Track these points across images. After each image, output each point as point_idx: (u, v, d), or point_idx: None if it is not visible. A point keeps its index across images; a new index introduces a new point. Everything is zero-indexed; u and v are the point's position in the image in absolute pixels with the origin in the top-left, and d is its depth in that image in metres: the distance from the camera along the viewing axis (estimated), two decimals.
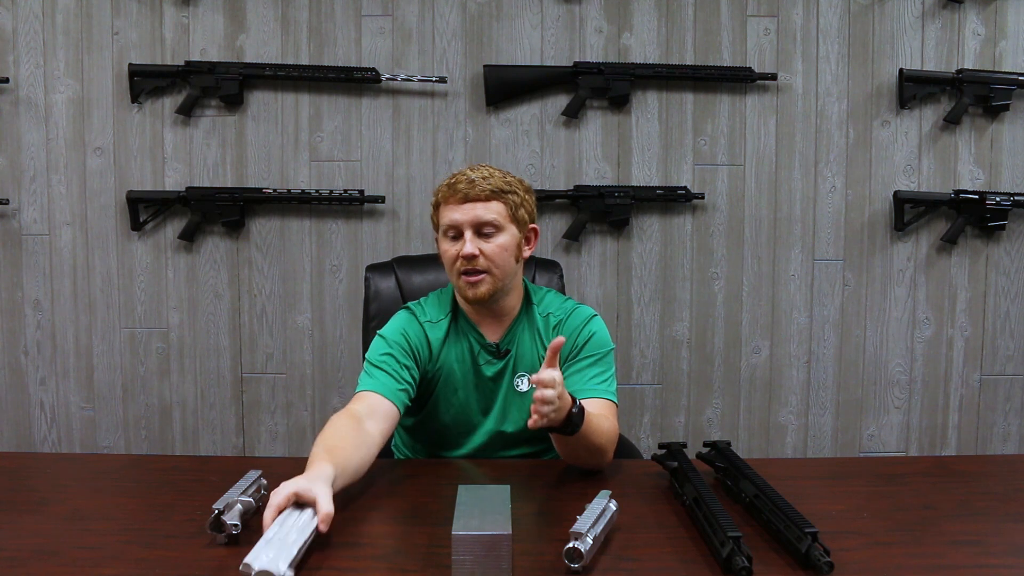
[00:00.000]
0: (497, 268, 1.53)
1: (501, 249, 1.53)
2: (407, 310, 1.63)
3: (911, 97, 2.53)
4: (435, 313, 1.62)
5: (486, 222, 1.52)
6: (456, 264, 1.53)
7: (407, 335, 1.57)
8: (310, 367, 2.63)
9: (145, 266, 2.59)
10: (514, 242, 1.56)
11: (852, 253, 2.62)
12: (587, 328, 1.59)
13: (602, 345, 1.59)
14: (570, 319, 1.61)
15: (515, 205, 1.55)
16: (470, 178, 1.52)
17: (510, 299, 1.60)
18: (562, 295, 1.69)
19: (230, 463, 1.78)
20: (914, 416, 2.66)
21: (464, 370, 1.60)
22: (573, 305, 1.64)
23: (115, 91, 2.54)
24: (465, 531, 1.02)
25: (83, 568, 1.07)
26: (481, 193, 1.51)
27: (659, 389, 2.65)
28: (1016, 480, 1.42)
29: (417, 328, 1.59)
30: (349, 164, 2.57)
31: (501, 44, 2.55)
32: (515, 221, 1.55)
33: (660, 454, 1.41)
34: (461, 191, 1.51)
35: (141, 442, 2.63)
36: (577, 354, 1.57)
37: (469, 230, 1.51)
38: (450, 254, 1.54)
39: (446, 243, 1.55)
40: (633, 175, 2.58)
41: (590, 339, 1.58)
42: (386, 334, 1.57)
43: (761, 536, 1.14)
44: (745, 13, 2.55)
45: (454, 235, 1.54)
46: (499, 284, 1.54)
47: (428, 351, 1.58)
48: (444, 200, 1.54)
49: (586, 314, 1.62)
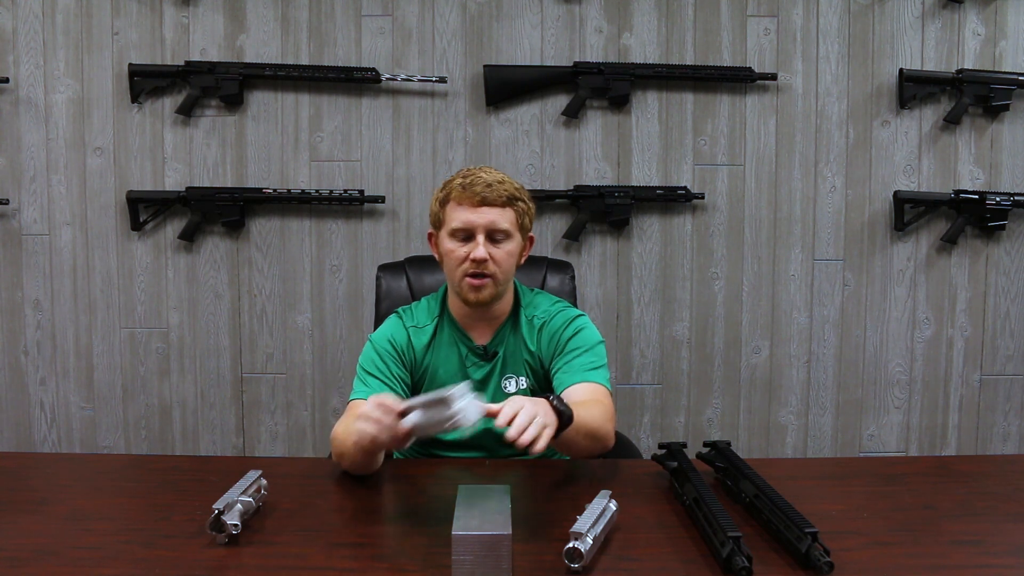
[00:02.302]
0: (502, 274, 1.54)
1: (509, 256, 1.54)
2: (396, 315, 1.65)
3: (911, 97, 2.53)
4: (423, 318, 1.63)
5: (500, 228, 1.52)
6: (463, 265, 1.52)
7: (393, 340, 1.59)
8: (310, 367, 2.63)
9: (145, 266, 2.59)
10: (518, 249, 1.57)
11: (852, 253, 2.62)
12: (571, 326, 1.59)
13: (588, 339, 1.58)
14: (553, 320, 1.61)
15: (522, 213, 1.56)
16: (487, 181, 1.51)
17: (502, 303, 1.60)
18: (553, 297, 1.69)
19: (230, 463, 1.78)
20: (914, 416, 2.66)
21: (451, 374, 1.60)
22: (560, 307, 1.64)
23: (115, 91, 2.54)
24: (465, 531, 1.02)
25: (83, 568, 1.07)
26: (499, 199, 1.51)
27: (659, 389, 2.65)
28: (1016, 480, 1.42)
29: (403, 333, 1.61)
30: (349, 164, 2.57)
31: (501, 44, 2.55)
32: (521, 229, 1.56)
33: (660, 454, 1.41)
34: (479, 194, 1.50)
35: (141, 442, 2.63)
36: (563, 350, 1.57)
37: (482, 234, 1.51)
38: (457, 255, 1.53)
39: (452, 243, 1.53)
40: (633, 175, 2.58)
41: (575, 334, 1.58)
42: (376, 340, 1.60)
43: (761, 536, 1.14)
44: (745, 13, 2.55)
45: (464, 236, 1.53)
46: (500, 289, 1.55)
47: (412, 356, 1.60)
48: (457, 199, 1.52)
49: (571, 314, 1.62)
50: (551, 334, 1.60)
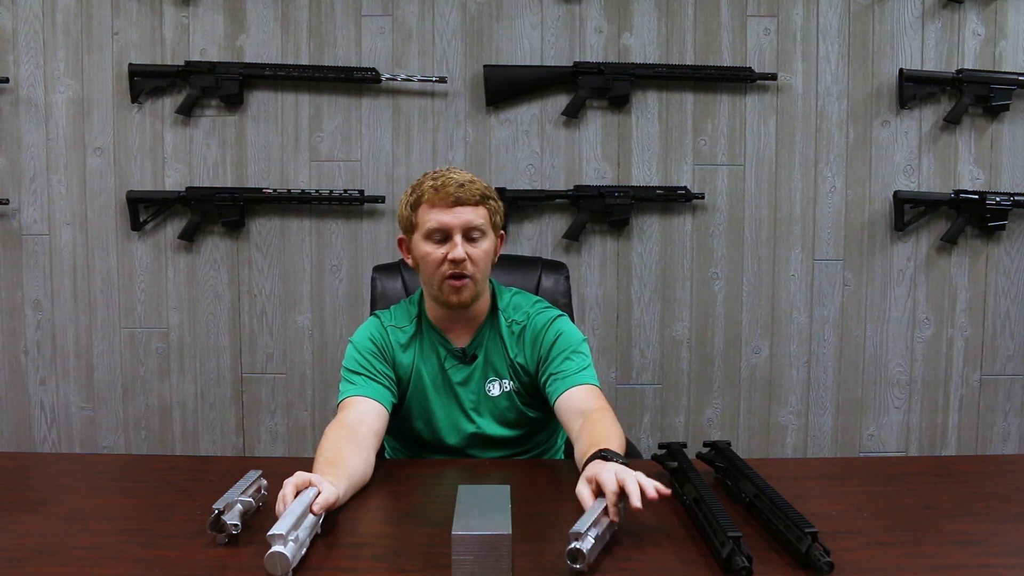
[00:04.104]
0: (480, 273, 1.53)
1: (486, 254, 1.54)
2: (374, 316, 1.65)
3: (911, 97, 2.53)
4: (401, 319, 1.63)
5: (475, 227, 1.51)
6: (442, 268, 1.51)
7: (373, 338, 1.59)
8: (310, 367, 2.63)
9: (145, 266, 2.59)
10: (493, 248, 1.56)
11: (852, 253, 2.62)
12: (552, 329, 1.58)
13: (572, 340, 1.57)
14: (533, 323, 1.59)
15: (494, 211, 1.55)
16: (458, 181, 1.50)
17: (479, 305, 1.59)
18: (531, 296, 1.67)
19: (230, 463, 1.78)
20: (914, 416, 2.66)
21: (432, 375, 1.60)
22: (539, 308, 1.62)
23: (115, 91, 2.54)
24: (465, 531, 1.01)
25: (83, 568, 1.07)
26: (472, 197, 1.50)
27: (659, 389, 2.65)
28: (1016, 480, 1.42)
29: (382, 332, 1.61)
30: (349, 164, 2.57)
31: (501, 44, 2.55)
32: (493, 227, 1.56)
33: (660, 454, 1.40)
34: (452, 194, 1.49)
35: (141, 442, 2.63)
36: (548, 355, 1.56)
37: (459, 234, 1.50)
38: (435, 257, 1.51)
39: (429, 245, 1.52)
40: (633, 175, 2.58)
41: (558, 338, 1.57)
42: (356, 340, 1.60)
43: (761, 536, 1.14)
44: (745, 13, 2.55)
45: (440, 238, 1.51)
46: (479, 289, 1.54)
47: (392, 353, 1.60)
48: (430, 202, 1.51)
49: (550, 316, 1.60)
50: (533, 337, 1.58)
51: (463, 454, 1.62)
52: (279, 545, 1.00)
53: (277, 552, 1.00)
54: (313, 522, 1.12)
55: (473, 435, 1.61)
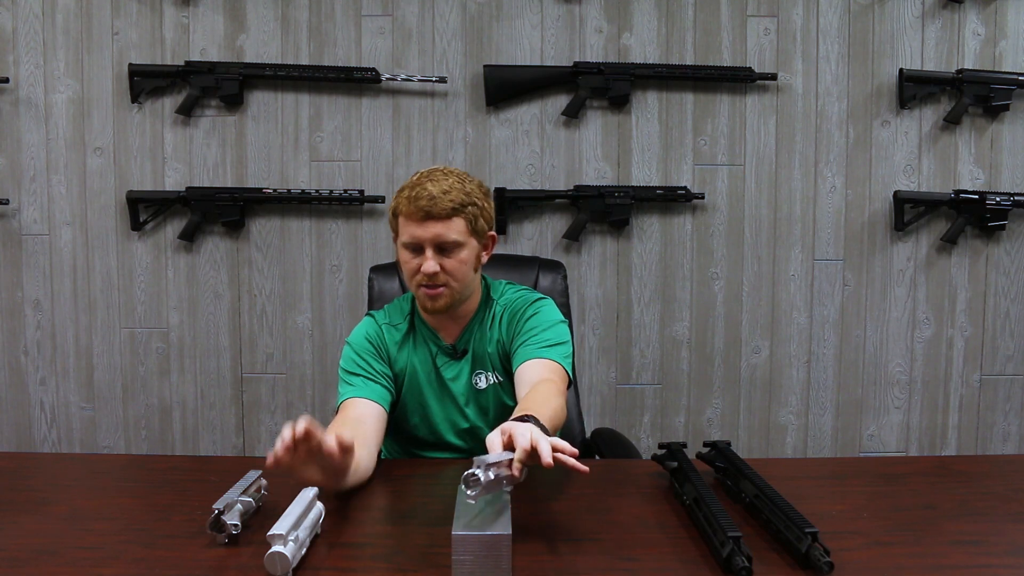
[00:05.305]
0: (456, 282, 1.54)
1: (461, 264, 1.53)
2: (369, 316, 1.67)
3: (911, 97, 2.53)
4: (396, 317, 1.65)
5: (448, 241, 1.51)
6: (417, 276, 1.53)
7: (369, 337, 1.61)
8: (310, 367, 2.63)
9: (145, 266, 2.59)
10: (474, 254, 1.56)
11: (852, 253, 2.62)
12: (531, 308, 1.60)
13: (548, 318, 1.59)
14: (514, 304, 1.62)
15: (474, 217, 1.53)
16: (431, 194, 1.48)
17: (468, 303, 1.61)
18: (522, 287, 1.70)
19: (230, 463, 1.78)
20: (914, 416, 2.66)
21: (426, 371, 1.62)
22: (523, 294, 1.65)
23: (115, 91, 2.54)
24: (465, 531, 1.02)
25: (83, 568, 1.07)
26: (442, 211, 1.49)
27: (659, 389, 2.65)
28: (1016, 480, 1.42)
29: (377, 331, 1.63)
30: (349, 164, 2.57)
31: (501, 44, 2.55)
32: (474, 234, 1.55)
33: (660, 454, 1.41)
34: (422, 208, 1.48)
35: (141, 442, 2.63)
36: (521, 328, 1.58)
37: (430, 248, 1.51)
38: (411, 266, 1.53)
39: (406, 254, 1.54)
40: (633, 175, 2.58)
41: (534, 315, 1.59)
42: (352, 341, 1.61)
43: (761, 536, 1.14)
44: (745, 13, 2.55)
45: (414, 249, 1.53)
46: (457, 295, 1.55)
47: (387, 352, 1.62)
48: (405, 213, 1.51)
49: (531, 298, 1.63)
50: (512, 316, 1.61)
51: (462, 452, 1.62)
52: (279, 545, 1.00)
53: (277, 552, 1.00)
54: (313, 522, 1.12)
55: (468, 431, 1.62)
